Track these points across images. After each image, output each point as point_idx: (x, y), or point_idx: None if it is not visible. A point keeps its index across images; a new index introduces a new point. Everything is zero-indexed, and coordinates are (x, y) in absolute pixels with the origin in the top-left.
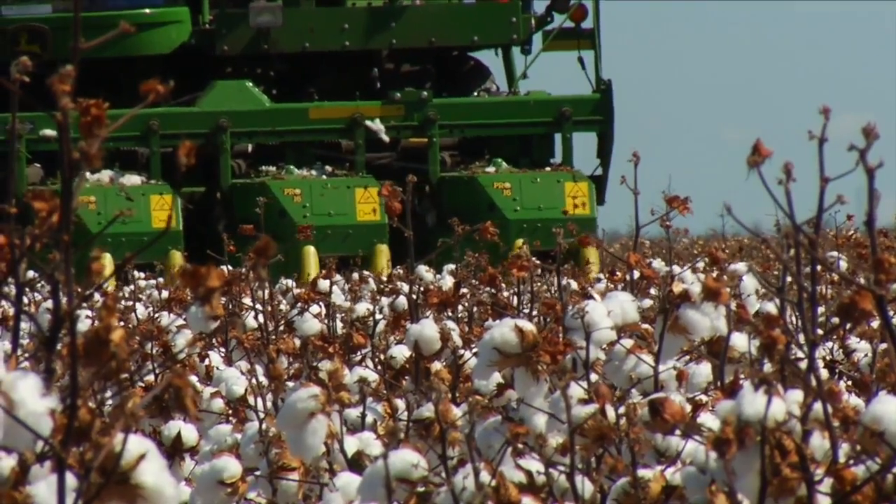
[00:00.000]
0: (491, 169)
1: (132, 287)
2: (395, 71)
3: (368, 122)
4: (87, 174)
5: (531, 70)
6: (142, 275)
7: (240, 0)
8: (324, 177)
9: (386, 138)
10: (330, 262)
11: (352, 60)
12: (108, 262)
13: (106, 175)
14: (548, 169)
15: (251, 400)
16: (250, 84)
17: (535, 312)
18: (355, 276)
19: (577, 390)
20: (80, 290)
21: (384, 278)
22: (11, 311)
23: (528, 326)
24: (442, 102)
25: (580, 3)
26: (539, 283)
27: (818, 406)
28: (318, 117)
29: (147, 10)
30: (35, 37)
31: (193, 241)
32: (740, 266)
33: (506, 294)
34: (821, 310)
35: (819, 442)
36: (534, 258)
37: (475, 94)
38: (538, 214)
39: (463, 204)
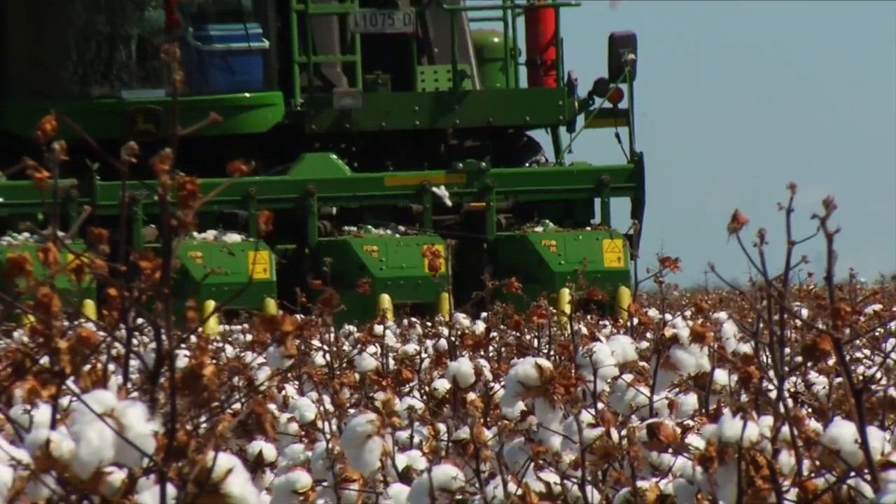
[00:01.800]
0: (539, 229)
1: (222, 330)
2: (458, 146)
3: (435, 189)
4: (195, 233)
5: (574, 144)
6: (235, 320)
7: (326, 86)
8: (397, 235)
9: (450, 203)
10: (398, 309)
11: (421, 137)
12: (209, 309)
13: (211, 234)
14: (588, 228)
15: (320, 424)
16: (334, 156)
17: (551, 352)
18: (405, 321)
19: (586, 416)
20: (179, 333)
21: (446, 322)
22: (122, 351)
23: (546, 364)
24: (498, 172)
25: (617, 87)
26: (554, 328)
27: (786, 429)
28: (392, 185)
29: (247, 94)
30: (150, 117)
31: (285, 290)
32: (721, 314)
33: (528, 337)
34: (787, 350)
35: (786, 459)
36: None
37: (527, 164)
38: (582, 267)
39: (515, 259)
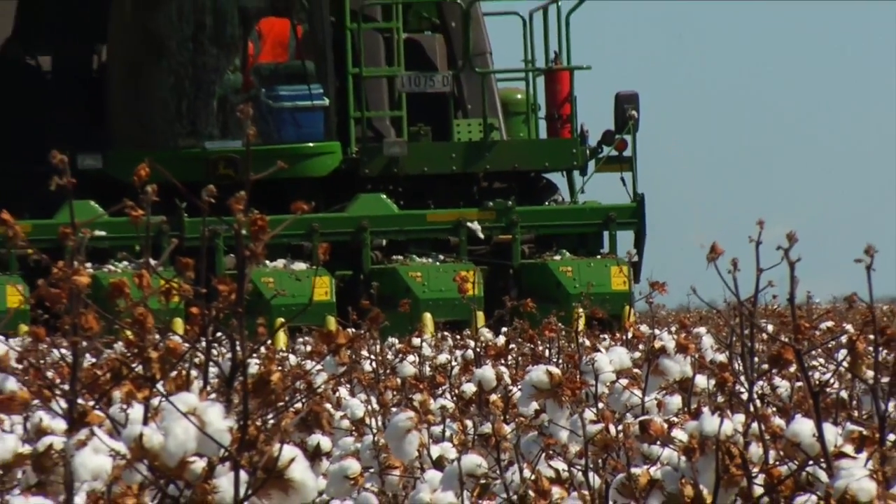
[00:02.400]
0: (557, 257)
1: (286, 343)
2: (488, 187)
3: (469, 224)
4: (267, 262)
5: (586, 186)
6: (298, 335)
7: (376, 136)
8: (437, 263)
9: (482, 236)
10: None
11: (457, 180)
12: (278, 325)
13: (281, 262)
14: (598, 257)
15: (367, 420)
16: (384, 196)
17: (560, 361)
18: (438, 334)
19: (588, 414)
20: (251, 345)
21: (473, 336)
22: (204, 360)
23: (555, 371)
24: (522, 210)
25: (622, 138)
26: (563, 341)
27: (755, 425)
28: (433, 220)
29: (310, 144)
30: (229, 164)
31: (343, 310)
32: (701, 329)
33: (540, 348)
34: (756, 359)
35: (755, 450)
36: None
37: (546, 203)
38: (591, 290)
39: (537, 283)
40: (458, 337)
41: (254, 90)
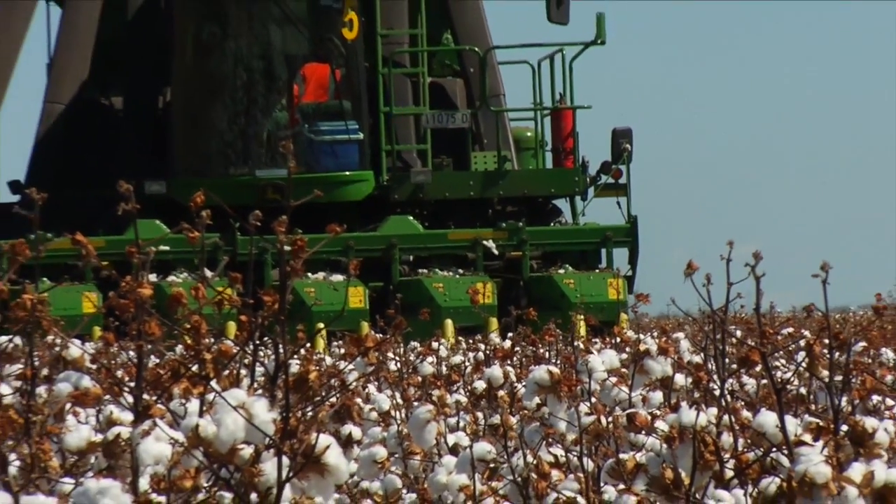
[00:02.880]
0: (561, 271)
1: (325, 345)
2: (501, 210)
3: (485, 242)
4: (309, 274)
5: (587, 210)
6: (334, 339)
7: (404, 166)
8: (457, 276)
9: (496, 252)
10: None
11: (475, 204)
12: (318, 329)
13: (321, 275)
14: (597, 271)
15: (393, 413)
16: (411, 218)
17: (558, 362)
18: (453, 339)
19: (583, 408)
20: (292, 347)
21: (484, 340)
22: (251, 361)
23: (555, 370)
24: (531, 230)
25: (617, 168)
26: (561, 345)
27: (726, 417)
28: (454, 239)
29: (347, 173)
30: (277, 189)
31: (375, 317)
32: (679, 335)
33: (542, 351)
34: (727, 360)
35: (727, 438)
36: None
37: (552, 224)
38: (591, 300)
39: (543, 293)
40: (471, 341)
41: (298, 126)
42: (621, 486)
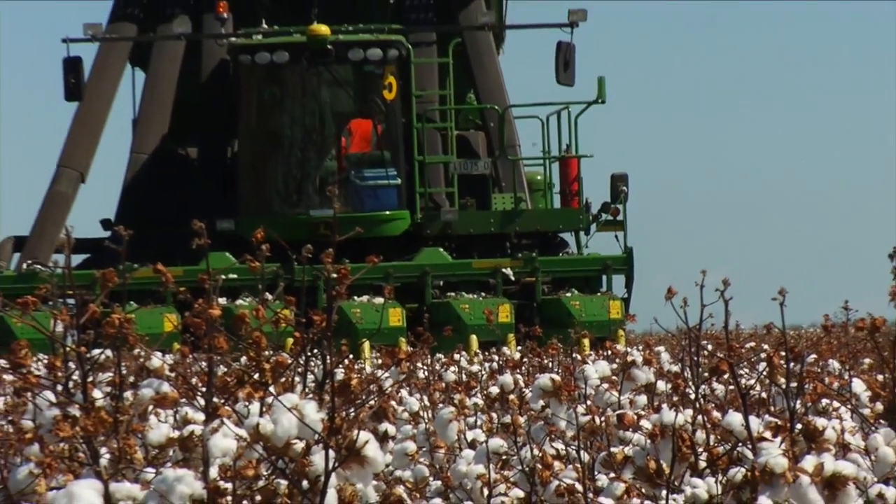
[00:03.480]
0: (569, 294)
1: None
2: (518, 243)
3: (504, 270)
4: (355, 297)
5: (590, 242)
6: (374, 352)
7: (435, 207)
8: (480, 298)
9: (513, 278)
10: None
11: (495, 238)
12: (367, 345)
13: (365, 297)
14: (599, 294)
15: (421, 413)
16: (441, 250)
17: (560, 371)
18: (477, 352)
19: (580, 409)
20: (337, 359)
21: (498, 352)
22: (303, 370)
23: (556, 378)
24: (543, 259)
25: (616, 207)
26: (563, 357)
27: (700, 417)
28: (478, 267)
29: (387, 212)
30: (328, 226)
31: (412, 333)
32: (660, 348)
33: (546, 361)
34: (700, 369)
35: (700, 435)
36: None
37: (560, 255)
38: (594, 319)
39: (553, 313)
40: (487, 353)
41: (346, 172)
42: (612, 475)
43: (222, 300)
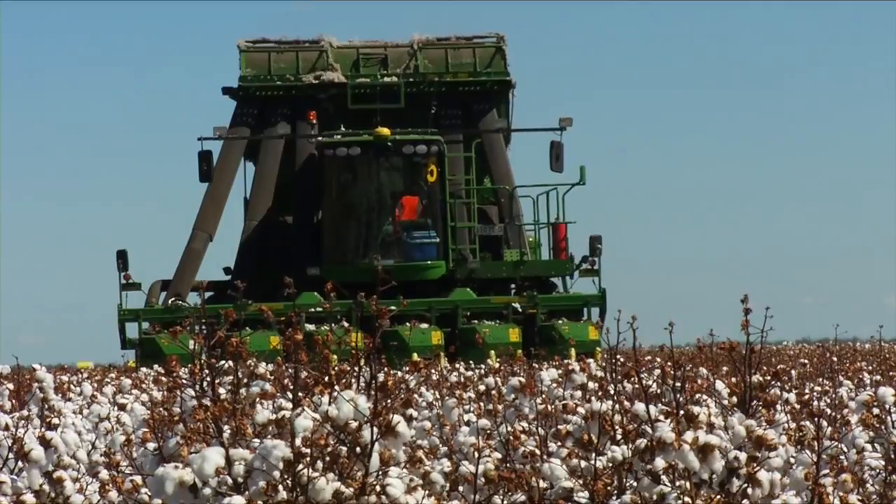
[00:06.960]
0: (560, 321)
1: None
2: (522, 284)
3: (514, 304)
4: (407, 323)
5: (574, 285)
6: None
7: (463, 259)
8: (497, 324)
9: (521, 310)
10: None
11: (507, 281)
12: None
13: (408, 325)
14: (582, 321)
15: (434, 402)
16: (468, 290)
17: (524, 376)
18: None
19: (538, 400)
20: (383, 368)
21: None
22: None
23: (522, 380)
24: (541, 297)
25: (593, 259)
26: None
27: (616, 406)
28: (495, 302)
29: (428, 262)
30: (387, 273)
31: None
32: (591, 360)
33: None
34: (618, 374)
35: (618, 418)
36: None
37: (553, 293)
38: (579, 339)
39: (549, 335)
40: (477, 365)
41: (399, 234)
42: (559, 444)
43: (311, 326)
